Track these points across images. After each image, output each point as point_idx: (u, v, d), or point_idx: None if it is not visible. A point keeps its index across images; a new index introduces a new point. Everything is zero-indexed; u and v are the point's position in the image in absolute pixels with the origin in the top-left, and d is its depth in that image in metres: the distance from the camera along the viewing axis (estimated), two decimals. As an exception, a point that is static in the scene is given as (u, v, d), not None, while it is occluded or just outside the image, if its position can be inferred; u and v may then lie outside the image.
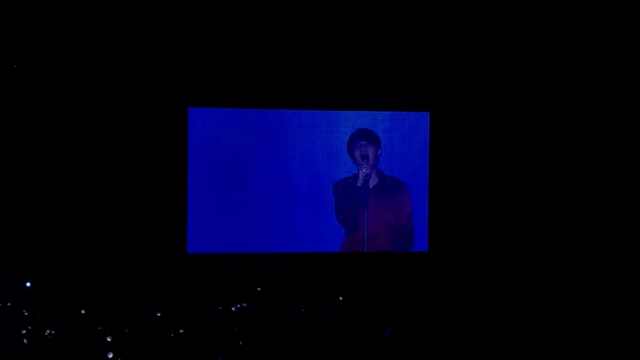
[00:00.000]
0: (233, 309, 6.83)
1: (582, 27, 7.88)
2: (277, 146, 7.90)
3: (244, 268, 7.75)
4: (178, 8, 7.45)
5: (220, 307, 6.93)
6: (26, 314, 6.13)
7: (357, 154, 8.07)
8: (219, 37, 7.66)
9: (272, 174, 7.89)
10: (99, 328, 5.83)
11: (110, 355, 5.76)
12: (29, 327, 5.84)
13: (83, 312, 6.36)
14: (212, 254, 7.80)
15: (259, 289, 7.08)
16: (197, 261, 7.74)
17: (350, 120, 8.05)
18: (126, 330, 6.07)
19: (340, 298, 7.45)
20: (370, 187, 8.05)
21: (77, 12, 7.32)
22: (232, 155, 7.82)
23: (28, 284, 6.39)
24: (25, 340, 5.60)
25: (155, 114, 7.56)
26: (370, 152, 8.09)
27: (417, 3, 7.66)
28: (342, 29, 7.77)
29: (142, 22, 7.42)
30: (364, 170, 8.04)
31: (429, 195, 8.10)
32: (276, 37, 7.71)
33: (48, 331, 5.81)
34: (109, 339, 5.93)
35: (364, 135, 8.09)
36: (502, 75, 8.06)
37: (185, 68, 7.62)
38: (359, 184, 8.04)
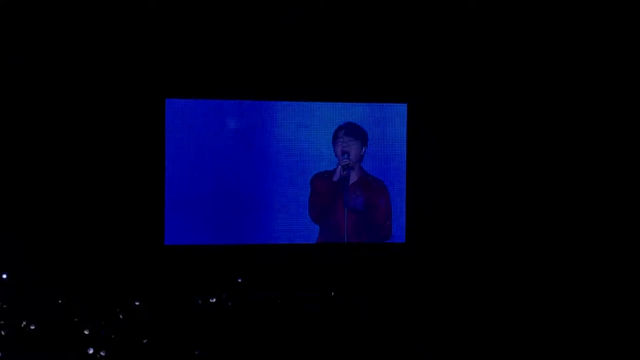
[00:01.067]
0: (211, 300, 6.82)
1: (566, 22, 7.93)
2: (256, 137, 7.88)
3: (222, 259, 7.75)
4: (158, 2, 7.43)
5: (198, 299, 6.92)
6: (3, 306, 6.11)
7: (339, 149, 8.01)
8: (198, 27, 7.63)
9: (251, 165, 7.88)
10: (76, 320, 5.81)
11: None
12: (5, 320, 5.81)
13: (60, 301, 6.34)
14: (191, 246, 7.78)
15: (239, 279, 7.06)
16: (175, 253, 7.72)
17: (331, 112, 8.03)
18: (104, 322, 6.05)
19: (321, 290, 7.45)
20: (350, 183, 8.01)
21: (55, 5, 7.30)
22: (210, 146, 7.80)
23: (4, 276, 6.35)
24: (2, 333, 5.58)
25: (132, 105, 7.53)
26: (353, 149, 8.01)
27: (401, 5, 7.67)
28: (322, 22, 7.77)
29: (118, 12, 7.38)
30: (342, 165, 7.94)
31: (407, 186, 8.12)
32: (255, 28, 7.70)
33: (24, 323, 5.79)
34: (86, 331, 5.91)
35: (349, 130, 8.03)
36: (483, 68, 8.10)
37: (162, 58, 7.59)
38: (334, 179, 8.00)
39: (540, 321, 6.81)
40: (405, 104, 8.11)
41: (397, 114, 8.10)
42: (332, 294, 7.14)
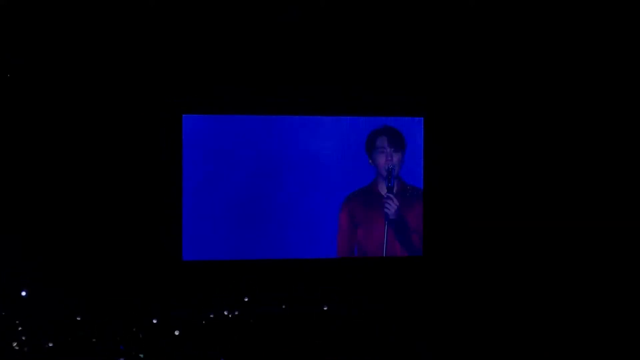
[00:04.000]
0: (229, 315, 6.81)
1: (577, 32, 7.89)
2: (272, 152, 7.86)
3: (241, 275, 7.74)
4: (171, 16, 7.46)
5: (217, 314, 6.93)
6: (21, 323, 6.13)
7: (381, 160, 7.90)
8: (213, 43, 7.65)
9: (269, 180, 7.85)
10: (94, 340, 5.82)
11: None
12: (24, 337, 5.83)
13: (79, 319, 6.36)
14: (209, 261, 7.78)
15: (247, 299, 7.06)
16: (193, 268, 7.73)
17: (348, 125, 7.98)
18: (122, 338, 6.06)
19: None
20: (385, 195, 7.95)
21: (72, 18, 7.33)
22: (228, 161, 7.79)
23: (23, 293, 6.37)
24: (17, 349, 5.60)
25: (149, 122, 7.56)
26: (395, 160, 7.93)
27: (409, 7, 7.63)
28: (336, 34, 7.75)
29: (135, 30, 7.42)
30: (388, 173, 7.83)
31: (424, 199, 8.07)
32: (271, 42, 7.71)
33: (43, 340, 5.81)
34: (105, 347, 5.92)
35: (391, 138, 7.95)
36: (498, 80, 8.06)
37: (178, 75, 7.62)
38: (384, 192, 7.88)
39: (561, 331, 6.79)
40: (422, 118, 8.10)
41: (413, 128, 8.07)
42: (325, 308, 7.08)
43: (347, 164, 7.98)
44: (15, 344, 5.67)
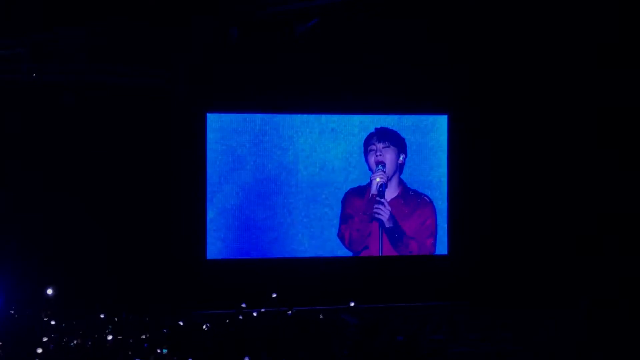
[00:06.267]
0: (254, 313, 6.79)
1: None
2: (296, 151, 7.87)
3: (263, 273, 7.76)
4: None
5: (240, 311, 6.93)
6: (48, 321, 6.17)
7: (372, 159, 7.80)
8: (236, 44, 7.66)
9: (291, 179, 7.87)
10: (119, 337, 5.85)
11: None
12: (51, 335, 5.87)
13: (102, 316, 6.39)
14: (232, 260, 7.81)
15: (273, 295, 7.08)
16: (216, 267, 7.76)
17: (370, 124, 7.95)
18: (147, 336, 6.08)
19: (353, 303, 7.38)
20: (388, 199, 7.82)
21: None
22: (250, 161, 7.80)
23: (49, 292, 6.40)
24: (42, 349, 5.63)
25: (174, 120, 7.60)
26: (388, 157, 7.79)
27: (433, 7, 7.59)
28: (358, 32, 7.71)
29: (159, 31, 7.43)
30: (378, 179, 7.66)
31: (448, 199, 8.02)
32: (291, 44, 7.70)
33: (67, 338, 5.84)
34: (129, 345, 5.94)
35: (382, 136, 7.83)
36: (520, 78, 8.00)
37: (202, 74, 7.62)
38: (371, 195, 7.75)
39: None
40: (446, 115, 8.04)
41: (437, 126, 8.03)
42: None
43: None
44: (42, 342, 5.70)
